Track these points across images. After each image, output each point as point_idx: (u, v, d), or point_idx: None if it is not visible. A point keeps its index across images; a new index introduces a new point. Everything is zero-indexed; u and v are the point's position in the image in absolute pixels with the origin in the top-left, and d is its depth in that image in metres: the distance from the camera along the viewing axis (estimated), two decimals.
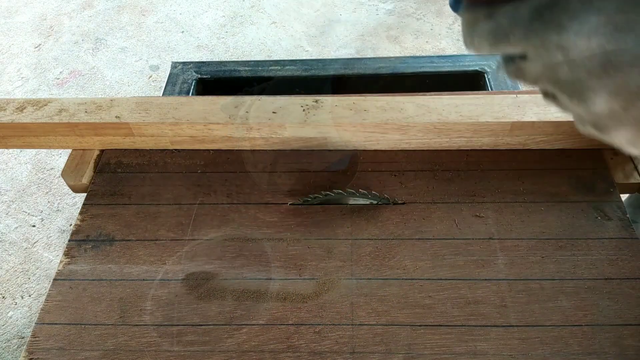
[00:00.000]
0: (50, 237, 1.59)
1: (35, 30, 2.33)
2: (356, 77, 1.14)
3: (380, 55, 2.13)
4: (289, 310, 0.65)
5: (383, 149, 0.80)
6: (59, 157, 1.78)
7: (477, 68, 1.10)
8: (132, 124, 0.78)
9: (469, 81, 1.11)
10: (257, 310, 0.65)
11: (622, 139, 0.27)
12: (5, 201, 1.68)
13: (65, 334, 0.64)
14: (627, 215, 0.71)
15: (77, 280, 0.69)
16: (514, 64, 0.28)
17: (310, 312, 0.65)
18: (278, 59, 1.71)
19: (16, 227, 1.61)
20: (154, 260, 0.70)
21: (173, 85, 1.11)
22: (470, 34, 0.28)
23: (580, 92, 0.25)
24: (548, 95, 0.29)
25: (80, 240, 0.73)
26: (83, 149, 0.84)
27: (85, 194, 0.79)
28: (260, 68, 1.13)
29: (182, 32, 2.28)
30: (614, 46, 0.23)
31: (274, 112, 0.78)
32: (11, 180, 1.74)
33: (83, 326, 0.65)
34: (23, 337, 1.38)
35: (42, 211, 1.65)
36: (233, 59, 2.13)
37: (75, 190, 0.82)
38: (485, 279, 0.66)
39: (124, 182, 0.80)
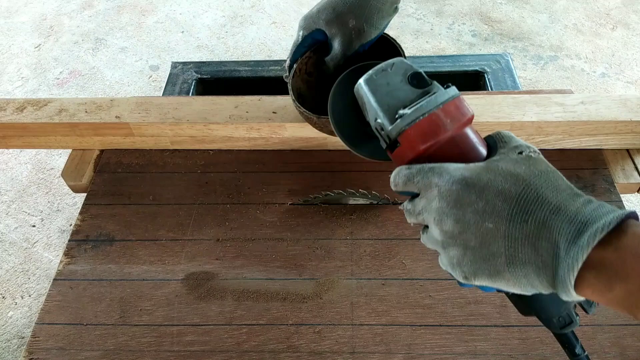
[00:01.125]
0: (50, 237, 1.58)
1: (35, 30, 2.33)
2: None
3: None
4: (289, 310, 0.65)
5: None
6: (59, 157, 1.78)
7: (477, 68, 1.09)
8: (132, 124, 0.78)
9: (469, 81, 1.11)
10: (257, 310, 0.65)
11: (453, 257, 0.38)
12: (5, 201, 1.68)
13: (65, 334, 0.64)
14: None
15: (77, 280, 0.69)
16: (411, 201, 0.41)
17: (310, 312, 0.64)
18: (278, 59, 1.71)
19: (16, 227, 1.61)
20: (154, 260, 0.70)
21: (173, 85, 1.11)
22: (396, 175, 0.41)
23: (440, 217, 0.38)
24: (423, 229, 0.42)
25: (80, 240, 0.73)
26: (83, 149, 0.84)
27: (85, 194, 0.79)
28: (260, 68, 1.13)
29: (182, 32, 2.28)
30: (460, 194, 0.37)
31: (274, 112, 0.78)
32: (11, 180, 1.73)
33: (83, 326, 0.65)
34: (23, 337, 1.38)
35: (42, 211, 1.65)
36: (233, 59, 2.13)
37: (75, 190, 0.82)
38: None
39: (124, 182, 0.80)
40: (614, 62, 2.01)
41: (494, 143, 0.41)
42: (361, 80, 0.44)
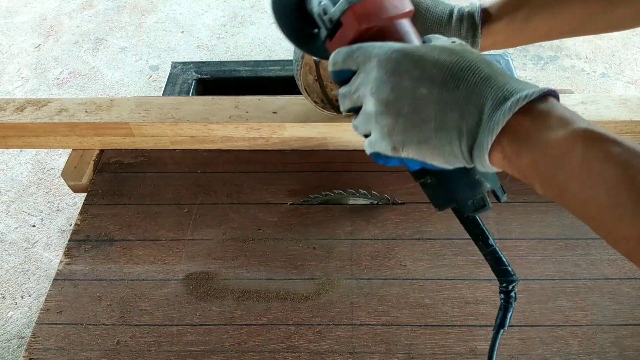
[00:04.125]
0: (50, 237, 1.58)
1: (35, 30, 2.33)
2: None
3: None
4: (289, 310, 0.65)
5: None
6: (59, 157, 1.78)
7: None
8: (132, 124, 0.78)
9: None
10: (257, 310, 0.65)
11: (384, 126, 0.39)
12: (5, 201, 1.68)
13: (65, 334, 0.64)
14: None
15: (77, 280, 0.69)
16: (346, 84, 0.43)
17: (310, 312, 0.64)
18: (278, 59, 1.71)
19: (16, 227, 1.61)
20: (154, 260, 0.70)
21: (173, 85, 1.11)
22: (336, 54, 0.42)
23: (377, 86, 0.39)
24: (356, 115, 0.43)
25: (80, 240, 0.73)
26: (83, 149, 0.84)
27: (85, 194, 0.79)
28: (260, 68, 1.12)
29: (182, 32, 2.28)
30: (398, 62, 0.38)
31: (274, 112, 0.78)
32: (11, 180, 1.73)
33: (83, 326, 0.65)
34: (23, 337, 1.38)
35: (42, 211, 1.65)
36: (233, 59, 2.13)
37: (75, 190, 0.82)
38: (485, 279, 0.66)
39: (124, 182, 0.80)
40: (614, 62, 2.01)
41: (428, 41, 0.43)
42: None
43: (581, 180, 0.32)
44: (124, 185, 0.79)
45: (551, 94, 0.36)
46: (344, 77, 0.43)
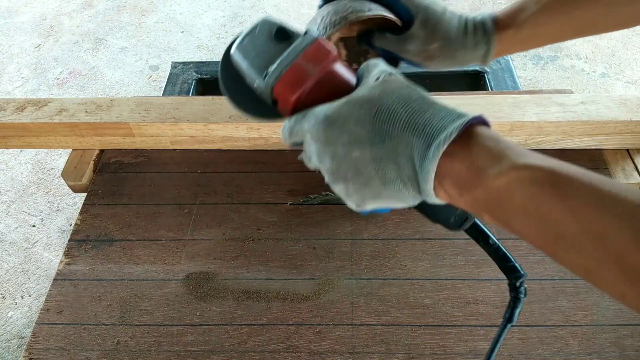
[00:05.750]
0: (50, 237, 1.58)
1: (35, 30, 2.33)
2: None
3: None
4: (289, 310, 0.65)
5: None
6: (59, 157, 1.78)
7: (477, 68, 1.09)
8: (132, 124, 0.78)
9: (469, 81, 1.11)
10: (257, 310, 0.65)
11: (340, 191, 0.41)
12: (5, 201, 1.68)
13: (65, 334, 0.64)
14: None
15: (77, 280, 0.69)
16: (302, 152, 0.43)
17: (310, 312, 0.65)
18: None
19: (16, 227, 1.61)
20: (154, 260, 0.70)
21: (173, 85, 1.11)
22: (282, 130, 0.43)
23: (319, 158, 0.40)
24: (321, 172, 0.43)
25: (80, 240, 0.73)
26: (83, 149, 0.84)
27: (85, 194, 0.79)
28: None
29: (182, 32, 2.28)
30: (327, 133, 0.39)
31: None
32: (11, 180, 1.74)
33: (83, 326, 0.65)
34: (23, 337, 1.38)
35: (42, 211, 1.65)
36: None
37: (75, 190, 0.82)
38: (485, 279, 0.66)
39: (124, 182, 0.80)
40: (614, 62, 2.01)
41: (361, 74, 0.43)
42: (232, 49, 0.46)
43: (522, 218, 0.33)
44: (124, 185, 0.79)
45: (475, 121, 0.36)
46: (298, 145, 0.44)
